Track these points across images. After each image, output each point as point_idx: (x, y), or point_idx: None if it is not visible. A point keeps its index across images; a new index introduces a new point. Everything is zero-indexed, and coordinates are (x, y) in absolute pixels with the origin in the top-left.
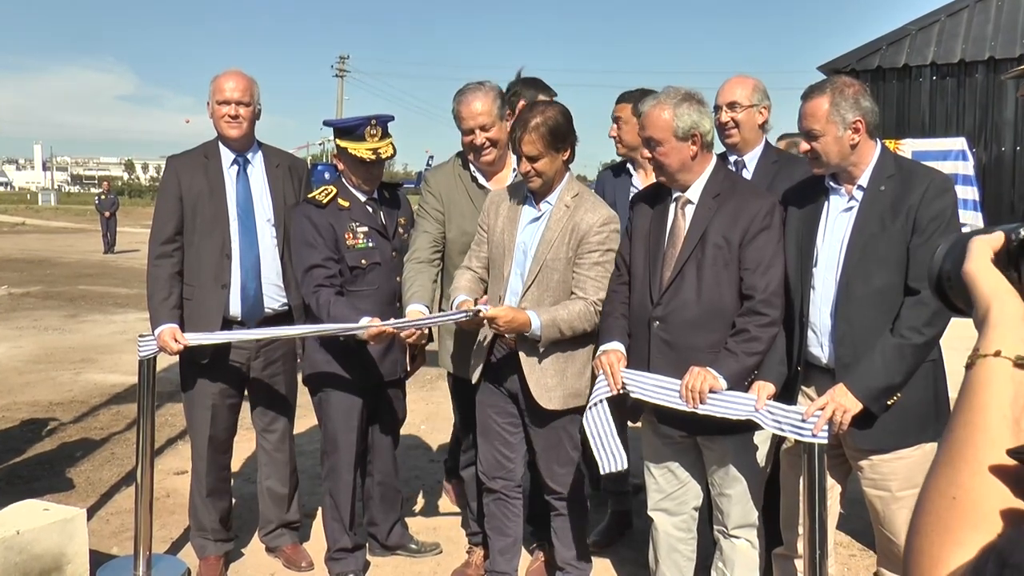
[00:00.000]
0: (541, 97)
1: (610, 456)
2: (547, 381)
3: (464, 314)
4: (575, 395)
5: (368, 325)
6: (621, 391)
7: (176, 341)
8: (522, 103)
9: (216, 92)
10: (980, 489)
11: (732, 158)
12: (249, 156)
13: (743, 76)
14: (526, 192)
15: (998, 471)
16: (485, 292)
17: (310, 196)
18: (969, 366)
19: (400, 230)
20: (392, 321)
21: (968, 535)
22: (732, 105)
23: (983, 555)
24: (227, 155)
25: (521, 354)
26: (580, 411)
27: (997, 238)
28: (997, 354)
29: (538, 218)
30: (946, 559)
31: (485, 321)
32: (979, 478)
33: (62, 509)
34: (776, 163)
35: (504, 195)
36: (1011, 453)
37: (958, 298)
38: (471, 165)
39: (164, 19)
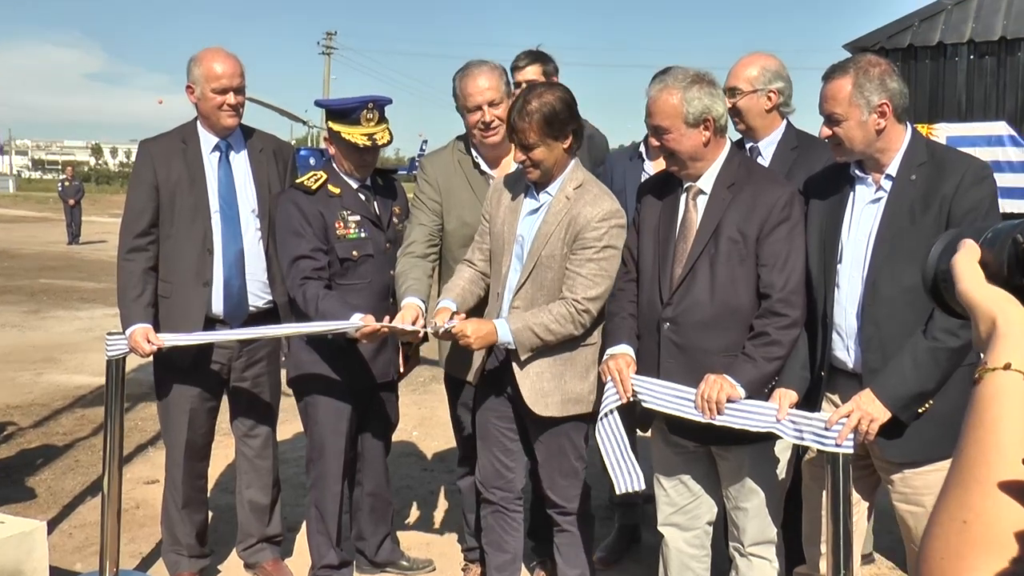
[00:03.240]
0: (537, 71)
1: (625, 474)
2: (543, 386)
3: (434, 328)
4: (576, 400)
5: (360, 324)
6: (632, 399)
7: (149, 342)
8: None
9: (209, 78)
10: (993, 511)
11: (747, 145)
12: (231, 141)
13: (754, 55)
14: (528, 181)
15: (1011, 489)
16: (487, 290)
17: (298, 181)
18: (977, 380)
19: (395, 220)
20: (386, 322)
21: (981, 560)
22: (732, 91)
23: None
24: (208, 140)
25: (512, 357)
26: (584, 418)
27: (972, 249)
28: (1007, 367)
29: (536, 210)
30: None
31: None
32: (991, 500)
33: (20, 521)
34: (795, 149)
35: (509, 182)
36: None
37: (955, 300)
38: (473, 150)
39: None
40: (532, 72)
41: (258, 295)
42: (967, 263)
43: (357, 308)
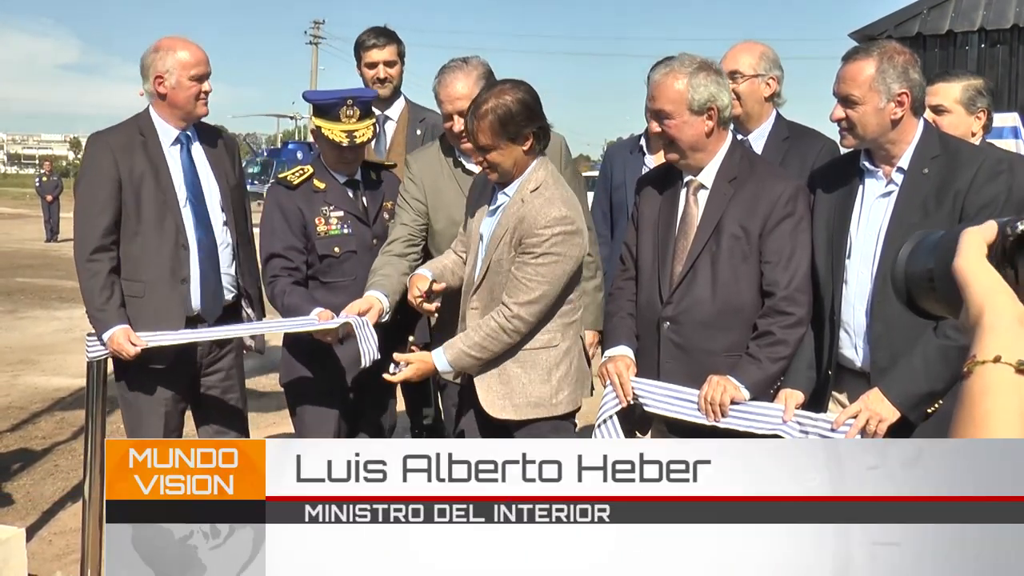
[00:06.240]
0: (394, 51)
1: None
2: (499, 387)
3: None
4: (536, 404)
5: (315, 321)
6: (632, 403)
7: (132, 344)
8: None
9: (187, 66)
10: None
11: (737, 137)
12: (190, 133)
13: (750, 42)
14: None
15: None
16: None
17: (281, 176)
18: (966, 375)
19: (385, 215)
20: (343, 318)
21: None
22: (733, 75)
23: None
24: (167, 132)
25: None
26: (564, 418)
27: (990, 229)
28: (996, 360)
29: (495, 210)
30: None
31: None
32: None
33: None
34: (787, 139)
35: (484, 178)
36: None
37: (940, 301)
38: (456, 149)
39: None
40: (390, 52)
41: (229, 288)
42: (974, 240)
43: (341, 307)
